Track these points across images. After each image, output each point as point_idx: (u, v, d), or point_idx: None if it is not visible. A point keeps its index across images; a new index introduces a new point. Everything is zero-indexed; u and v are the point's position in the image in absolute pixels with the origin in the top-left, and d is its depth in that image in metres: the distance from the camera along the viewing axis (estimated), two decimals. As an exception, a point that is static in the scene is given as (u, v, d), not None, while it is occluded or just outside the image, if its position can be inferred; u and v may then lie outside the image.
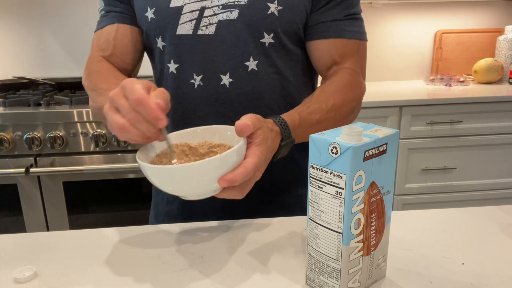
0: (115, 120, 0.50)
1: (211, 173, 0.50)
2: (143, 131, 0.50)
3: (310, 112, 0.67)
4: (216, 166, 0.50)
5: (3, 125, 1.51)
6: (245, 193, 0.55)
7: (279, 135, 0.61)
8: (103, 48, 0.79)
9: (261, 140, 0.55)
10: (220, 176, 0.50)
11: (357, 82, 0.76)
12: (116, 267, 0.56)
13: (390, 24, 2.27)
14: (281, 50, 0.74)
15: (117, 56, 0.79)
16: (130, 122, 0.50)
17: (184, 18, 0.72)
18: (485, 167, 1.89)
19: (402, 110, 1.79)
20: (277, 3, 0.71)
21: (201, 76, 0.74)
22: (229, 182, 0.50)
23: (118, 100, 0.50)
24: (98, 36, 0.81)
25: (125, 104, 0.49)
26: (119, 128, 0.50)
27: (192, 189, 0.52)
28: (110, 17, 0.79)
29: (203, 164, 0.49)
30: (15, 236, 0.65)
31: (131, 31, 0.79)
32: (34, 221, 1.62)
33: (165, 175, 0.50)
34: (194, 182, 0.50)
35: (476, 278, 0.52)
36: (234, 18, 0.71)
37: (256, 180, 0.55)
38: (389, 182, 0.48)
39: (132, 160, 1.58)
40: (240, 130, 0.52)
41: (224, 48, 0.72)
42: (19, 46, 2.10)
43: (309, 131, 0.66)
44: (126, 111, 0.49)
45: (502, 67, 2.11)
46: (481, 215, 0.69)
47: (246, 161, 0.52)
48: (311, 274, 0.50)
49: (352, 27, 0.75)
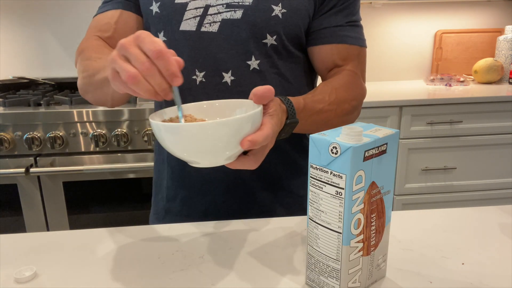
0: (127, 69, 0.46)
1: (231, 134, 0.47)
2: (155, 85, 0.47)
3: (314, 100, 0.68)
4: (234, 127, 0.47)
5: (3, 125, 1.51)
6: (259, 163, 0.53)
7: (285, 112, 0.61)
8: (103, 29, 0.77)
9: (274, 111, 0.54)
10: (237, 139, 0.48)
11: (358, 83, 0.77)
12: (116, 267, 0.56)
13: (390, 24, 2.27)
14: (282, 52, 0.74)
15: (116, 39, 0.76)
16: (144, 73, 0.46)
17: (189, 15, 0.73)
18: (485, 167, 1.89)
19: (402, 110, 1.79)
20: (281, 6, 0.71)
21: (203, 73, 0.74)
22: (252, 143, 0.49)
23: (131, 48, 0.46)
24: (98, 19, 0.79)
25: (140, 54, 0.46)
26: (130, 78, 0.45)
27: (207, 153, 0.49)
28: (115, 3, 0.78)
29: (221, 123, 0.46)
30: (15, 236, 0.65)
31: (135, 19, 0.78)
32: (34, 221, 1.62)
33: (180, 133, 0.47)
34: (209, 143, 0.47)
35: (476, 278, 0.52)
36: (238, 18, 0.71)
37: (268, 150, 0.54)
38: (389, 182, 0.48)
39: (132, 160, 1.59)
40: (261, 95, 0.51)
41: (227, 46, 0.72)
42: (19, 46, 2.10)
43: (312, 118, 0.67)
44: (141, 60, 0.45)
45: (502, 67, 2.11)
46: (481, 215, 0.69)
47: (265, 125, 0.51)
48: (311, 274, 0.50)
49: (353, 33, 0.76)
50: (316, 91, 0.71)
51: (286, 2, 0.71)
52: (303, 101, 0.66)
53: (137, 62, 0.46)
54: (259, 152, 0.54)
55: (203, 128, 0.46)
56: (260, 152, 0.54)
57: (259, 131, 0.50)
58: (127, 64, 0.46)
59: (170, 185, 0.83)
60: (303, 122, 0.65)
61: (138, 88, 0.46)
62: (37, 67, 2.14)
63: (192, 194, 0.80)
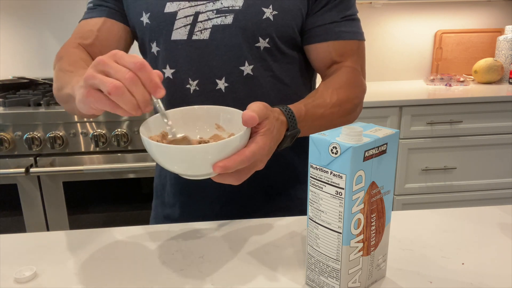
0: (109, 81, 0.46)
1: (209, 157, 0.50)
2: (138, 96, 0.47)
3: (315, 105, 0.68)
4: (213, 152, 0.50)
5: (3, 125, 1.51)
6: (242, 180, 0.54)
7: (285, 124, 0.60)
8: (84, 36, 0.77)
9: (267, 130, 0.54)
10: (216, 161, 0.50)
11: (358, 80, 0.76)
12: (116, 267, 0.56)
13: (390, 24, 2.27)
14: (276, 54, 0.74)
15: (97, 47, 0.76)
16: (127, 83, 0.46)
17: (179, 23, 0.72)
18: (485, 167, 1.89)
19: (402, 110, 1.79)
20: (272, 8, 0.70)
21: (197, 81, 0.73)
22: (222, 168, 0.49)
23: (110, 63, 0.47)
24: (82, 25, 0.79)
25: (120, 67, 0.46)
26: (114, 89, 0.45)
27: (188, 170, 0.52)
28: (99, 10, 0.78)
29: (201, 148, 0.49)
30: (15, 236, 0.65)
31: (117, 28, 0.78)
32: (34, 221, 1.62)
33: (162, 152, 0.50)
34: (190, 164, 0.51)
35: (476, 278, 0.52)
36: (228, 23, 0.71)
37: (257, 170, 0.55)
38: (389, 182, 0.48)
39: (132, 160, 1.59)
40: (245, 121, 0.52)
41: (219, 53, 0.72)
42: (19, 46, 2.10)
43: (314, 124, 0.66)
44: (123, 71, 0.46)
45: (502, 67, 2.11)
46: (481, 215, 0.69)
47: (245, 149, 0.52)
48: (311, 274, 0.50)
49: (349, 28, 0.75)
50: (317, 94, 0.70)
51: (277, 3, 0.70)
52: (304, 108, 0.65)
53: (119, 74, 0.46)
54: (243, 170, 0.53)
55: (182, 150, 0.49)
56: (244, 171, 0.53)
57: (235, 155, 0.50)
58: (108, 78, 0.46)
59: (170, 191, 0.83)
60: (306, 129, 0.65)
61: (122, 99, 0.46)
62: (37, 67, 2.14)
63: (191, 200, 0.80)
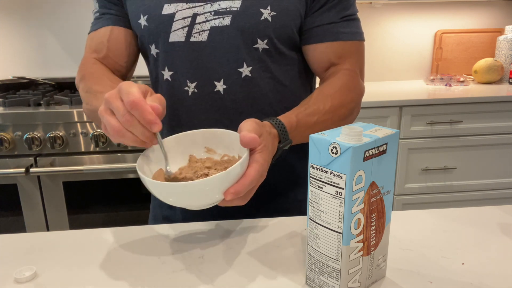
0: (111, 123, 0.50)
1: (216, 188, 0.50)
2: (138, 134, 0.50)
3: (307, 113, 0.67)
4: (219, 182, 0.49)
5: (3, 125, 1.51)
6: (248, 200, 0.54)
7: (277, 137, 0.60)
8: (97, 49, 0.79)
9: (263, 147, 0.54)
10: (224, 189, 0.50)
11: (356, 83, 0.75)
12: (116, 267, 0.56)
13: (390, 24, 2.27)
14: (275, 55, 0.73)
15: (111, 58, 0.79)
16: (125, 125, 0.49)
17: (177, 25, 0.72)
18: (485, 167, 1.89)
19: (402, 110, 1.79)
20: (270, 9, 0.70)
21: (195, 83, 0.73)
22: (235, 194, 0.50)
23: (113, 102, 0.50)
24: (92, 38, 0.80)
25: (121, 106, 0.49)
26: (114, 131, 0.50)
27: (194, 202, 0.52)
28: (105, 19, 0.79)
29: (206, 181, 0.49)
30: (15, 236, 0.65)
31: (125, 34, 0.79)
32: (34, 221, 1.62)
33: (166, 191, 0.50)
34: (196, 197, 0.50)
35: (476, 278, 0.52)
36: (226, 24, 0.70)
37: (258, 185, 0.55)
38: (389, 182, 0.48)
39: (132, 160, 1.58)
40: (247, 143, 0.52)
41: (217, 55, 0.72)
42: (19, 46, 2.10)
43: (307, 132, 0.65)
44: (121, 113, 0.49)
45: (502, 67, 2.11)
46: (481, 215, 0.69)
47: (250, 170, 0.52)
48: (311, 274, 0.50)
49: (348, 29, 0.74)
50: (311, 101, 0.70)
51: (275, 4, 0.70)
52: (296, 118, 0.65)
53: (119, 115, 0.49)
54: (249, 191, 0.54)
55: (187, 186, 0.49)
56: (250, 191, 0.54)
57: (243, 179, 0.51)
58: (111, 118, 0.50)
59: None
60: (298, 138, 0.65)
61: (124, 139, 0.51)
62: (37, 67, 2.14)
63: None
